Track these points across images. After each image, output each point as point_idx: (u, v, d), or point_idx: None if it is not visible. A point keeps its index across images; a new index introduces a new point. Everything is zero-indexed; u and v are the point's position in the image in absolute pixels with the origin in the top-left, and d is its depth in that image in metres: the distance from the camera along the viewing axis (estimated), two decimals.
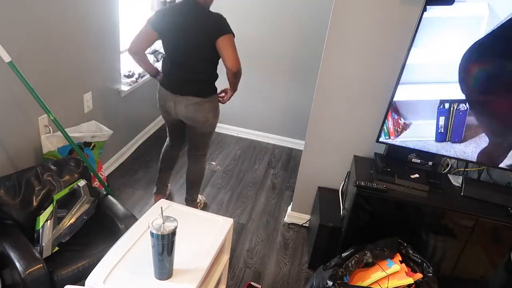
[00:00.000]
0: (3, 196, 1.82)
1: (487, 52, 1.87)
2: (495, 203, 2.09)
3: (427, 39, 1.90)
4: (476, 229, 2.04)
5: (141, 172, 3.20)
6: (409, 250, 2.02)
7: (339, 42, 2.22)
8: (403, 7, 2.05)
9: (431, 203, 2.05)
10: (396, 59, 2.11)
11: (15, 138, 2.09)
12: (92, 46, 2.57)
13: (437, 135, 2.09)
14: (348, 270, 1.91)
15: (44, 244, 1.80)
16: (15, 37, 1.94)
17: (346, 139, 2.44)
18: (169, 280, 1.37)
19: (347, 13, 2.14)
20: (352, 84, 2.30)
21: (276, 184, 3.30)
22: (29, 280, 1.59)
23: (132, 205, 2.81)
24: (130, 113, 3.30)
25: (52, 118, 2.07)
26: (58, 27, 2.22)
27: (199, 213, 1.73)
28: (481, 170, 2.30)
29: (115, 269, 1.38)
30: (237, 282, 2.32)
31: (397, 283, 1.87)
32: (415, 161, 2.24)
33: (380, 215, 2.13)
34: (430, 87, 2.01)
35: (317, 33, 3.23)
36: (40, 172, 1.98)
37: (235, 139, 3.88)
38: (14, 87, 2.00)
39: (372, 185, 2.08)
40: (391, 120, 2.11)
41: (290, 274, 2.42)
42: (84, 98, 2.60)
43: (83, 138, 2.43)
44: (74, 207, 1.96)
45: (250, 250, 2.57)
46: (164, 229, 1.27)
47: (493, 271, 2.16)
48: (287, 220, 2.86)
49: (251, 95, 3.77)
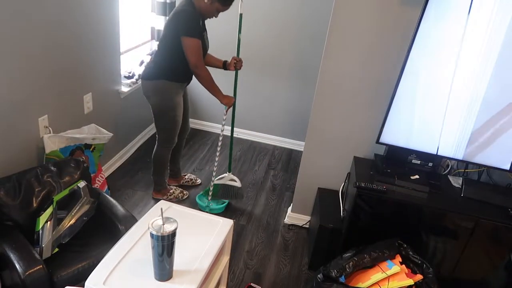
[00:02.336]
0: (3, 197, 1.81)
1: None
2: (495, 204, 2.08)
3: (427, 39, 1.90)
4: (476, 230, 2.03)
5: (141, 173, 3.20)
6: (409, 251, 2.01)
7: (339, 43, 2.23)
8: (403, 8, 2.06)
9: (431, 204, 2.05)
10: (396, 60, 2.11)
11: (16, 139, 2.09)
12: (92, 47, 2.57)
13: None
14: (347, 273, 1.91)
15: (44, 245, 1.79)
16: (15, 38, 1.94)
17: (346, 140, 2.44)
18: (169, 281, 1.37)
19: (347, 14, 2.15)
20: (352, 85, 2.30)
21: (276, 185, 3.30)
22: (29, 281, 1.59)
23: (132, 206, 2.81)
24: (130, 114, 3.30)
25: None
26: (58, 28, 2.22)
27: (199, 214, 1.73)
28: (481, 171, 2.30)
29: (115, 270, 1.37)
30: (237, 283, 2.32)
31: (397, 284, 1.87)
32: (415, 162, 2.24)
33: (380, 216, 2.12)
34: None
35: (317, 34, 3.23)
36: (40, 173, 1.98)
37: (235, 140, 3.88)
38: (14, 88, 2.01)
39: (372, 186, 2.08)
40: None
41: (290, 275, 2.42)
42: (84, 99, 2.60)
43: (84, 140, 2.43)
44: (74, 208, 1.96)
45: (250, 251, 2.57)
46: (164, 230, 1.27)
47: (493, 272, 2.16)
48: (287, 221, 2.86)
49: (251, 96, 3.78)
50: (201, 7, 2.39)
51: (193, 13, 2.36)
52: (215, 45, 3.70)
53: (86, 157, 2.45)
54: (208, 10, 2.41)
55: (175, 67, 2.49)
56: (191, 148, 3.67)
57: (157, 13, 3.39)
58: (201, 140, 3.84)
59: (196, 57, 2.40)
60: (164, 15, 3.38)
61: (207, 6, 2.38)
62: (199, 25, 2.40)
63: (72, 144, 2.36)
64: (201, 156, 3.57)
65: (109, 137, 2.59)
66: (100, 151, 2.58)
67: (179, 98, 2.60)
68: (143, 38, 3.52)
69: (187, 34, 2.36)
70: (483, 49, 1.87)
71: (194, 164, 3.42)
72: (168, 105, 2.56)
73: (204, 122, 4.02)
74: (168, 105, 2.56)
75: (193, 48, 2.39)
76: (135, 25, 3.38)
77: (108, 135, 2.58)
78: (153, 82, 2.54)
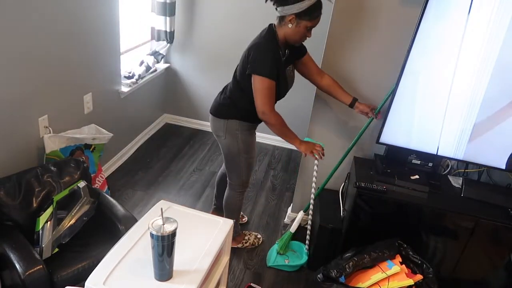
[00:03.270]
0: (3, 197, 1.81)
1: None
2: (495, 204, 2.08)
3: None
4: (476, 230, 2.03)
5: (141, 173, 3.20)
6: (409, 251, 2.01)
7: (339, 43, 2.23)
8: (403, 8, 2.06)
9: (431, 204, 2.05)
10: (396, 60, 2.11)
11: (16, 139, 2.09)
12: (92, 47, 2.57)
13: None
14: (347, 273, 1.91)
15: (44, 245, 1.79)
16: (15, 38, 1.94)
17: (346, 140, 2.44)
18: (169, 281, 1.37)
19: (347, 14, 2.15)
20: (351, 85, 2.30)
21: (276, 185, 3.30)
22: (29, 282, 1.59)
23: (132, 206, 2.81)
24: (130, 114, 3.30)
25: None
26: (58, 28, 2.22)
27: (199, 214, 1.73)
28: (481, 171, 2.30)
29: (115, 270, 1.37)
30: (237, 284, 2.32)
31: (397, 284, 1.87)
32: (415, 162, 2.24)
33: (380, 216, 2.12)
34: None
35: (317, 34, 3.23)
36: (40, 173, 1.98)
37: None
38: (14, 88, 2.01)
39: (372, 186, 2.08)
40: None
41: (290, 276, 2.42)
42: (84, 99, 2.60)
43: (84, 140, 2.43)
44: (74, 208, 1.96)
45: (250, 251, 2.56)
46: (164, 230, 1.27)
47: (493, 272, 2.16)
48: (287, 221, 2.86)
49: None
50: (288, 34, 2.00)
51: (269, 46, 1.99)
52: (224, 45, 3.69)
53: (86, 157, 2.45)
54: (297, 33, 1.99)
55: (249, 107, 2.10)
56: (191, 148, 3.67)
57: (157, 13, 3.39)
58: (201, 140, 3.84)
59: (264, 101, 1.99)
60: (164, 15, 3.38)
61: (294, 30, 1.97)
62: (274, 62, 2.00)
63: (72, 144, 2.36)
64: (201, 156, 3.57)
65: (109, 137, 2.59)
66: (100, 151, 2.59)
67: (252, 139, 2.30)
68: (143, 38, 3.52)
69: (257, 72, 1.97)
70: (483, 49, 1.87)
71: (194, 164, 3.42)
72: (240, 147, 2.24)
73: (204, 122, 4.02)
74: (241, 147, 2.24)
75: (261, 90, 1.98)
76: (135, 25, 3.38)
77: (108, 135, 2.58)
78: (224, 121, 2.20)
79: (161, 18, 3.40)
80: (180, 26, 3.63)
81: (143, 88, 3.38)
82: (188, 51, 3.73)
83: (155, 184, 3.10)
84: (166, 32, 3.49)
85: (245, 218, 2.84)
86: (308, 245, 2.47)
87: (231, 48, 3.61)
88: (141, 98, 3.44)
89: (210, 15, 3.54)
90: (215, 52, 3.68)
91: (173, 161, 3.43)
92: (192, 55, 3.74)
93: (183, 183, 3.15)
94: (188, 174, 3.27)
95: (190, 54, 3.75)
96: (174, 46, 3.71)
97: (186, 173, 3.28)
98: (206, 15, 3.55)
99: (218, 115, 2.22)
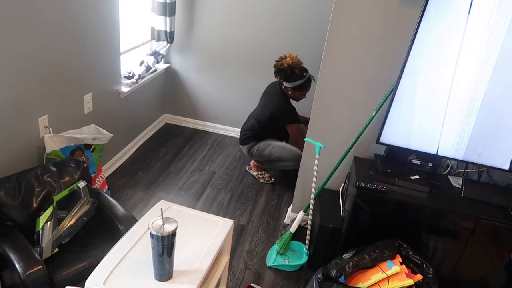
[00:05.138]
0: (3, 197, 1.81)
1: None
2: (495, 204, 2.08)
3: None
4: (476, 231, 2.03)
5: (141, 173, 3.20)
6: (409, 251, 2.01)
7: (339, 43, 2.23)
8: (403, 8, 2.06)
9: (431, 204, 2.05)
10: (396, 60, 2.11)
11: (16, 139, 2.09)
12: (92, 47, 2.57)
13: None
14: (347, 273, 1.91)
15: (44, 245, 1.79)
16: (15, 38, 1.94)
17: (346, 140, 2.44)
18: (169, 281, 1.37)
19: (347, 14, 2.15)
20: (352, 86, 2.30)
21: (276, 185, 3.30)
22: (29, 282, 1.59)
23: (132, 206, 2.81)
24: (130, 114, 3.30)
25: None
26: (58, 28, 2.22)
27: (199, 214, 1.73)
28: (481, 171, 2.30)
29: (115, 270, 1.38)
30: (237, 284, 2.32)
31: (397, 284, 1.87)
32: (415, 162, 2.24)
33: (380, 216, 2.12)
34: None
35: (317, 35, 3.23)
36: (40, 173, 1.98)
37: (235, 140, 3.88)
38: (14, 88, 2.01)
39: (372, 186, 2.08)
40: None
41: (290, 276, 2.42)
42: (84, 99, 2.60)
43: (84, 140, 2.43)
44: (74, 208, 1.96)
45: (250, 251, 2.57)
46: (164, 230, 1.27)
47: (493, 273, 2.16)
48: (287, 221, 2.85)
49: (251, 96, 3.77)
50: (289, 95, 3.05)
51: (287, 100, 3.05)
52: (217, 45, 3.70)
53: (86, 157, 2.45)
54: (294, 97, 3.06)
55: (271, 135, 3.16)
56: (191, 148, 3.67)
57: (157, 13, 3.39)
58: (201, 140, 3.84)
59: (303, 137, 2.59)
60: (164, 15, 3.38)
61: (292, 95, 3.05)
62: (294, 109, 3.07)
63: (72, 144, 2.36)
64: (201, 156, 3.57)
65: (109, 137, 2.59)
66: (100, 151, 2.59)
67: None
68: (143, 38, 3.52)
69: (290, 122, 3.04)
70: (483, 49, 1.87)
71: (194, 164, 3.42)
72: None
73: (204, 122, 4.02)
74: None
75: (297, 132, 3.05)
76: (135, 25, 3.38)
77: (108, 136, 2.58)
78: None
79: (161, 18, 3.40)
80: (180, 26, 3.63)
81: (143, 88, 3.38)
82: (188, 51, 3.73)
83: (155, 184, 3.10)
84: (166, 32, 3.49)
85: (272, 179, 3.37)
86: (308, 245, 2.47)
87: (231, 48, 3.61)
88: (141, 98, 3.44)
89: (210, 15, 3.54)
90: (215, 52, 3.68)
91: (173, 161, 3.43)
92: (192, 55, 3.74)
93: (183, 183, 3.15)
94: (188, 174, 3.27)
95: (190, 54, 3.75)
96: (174, 46, 3.71)
97: (186, 173, 3.28)
98: (206, 15, 3.55)
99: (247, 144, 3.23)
